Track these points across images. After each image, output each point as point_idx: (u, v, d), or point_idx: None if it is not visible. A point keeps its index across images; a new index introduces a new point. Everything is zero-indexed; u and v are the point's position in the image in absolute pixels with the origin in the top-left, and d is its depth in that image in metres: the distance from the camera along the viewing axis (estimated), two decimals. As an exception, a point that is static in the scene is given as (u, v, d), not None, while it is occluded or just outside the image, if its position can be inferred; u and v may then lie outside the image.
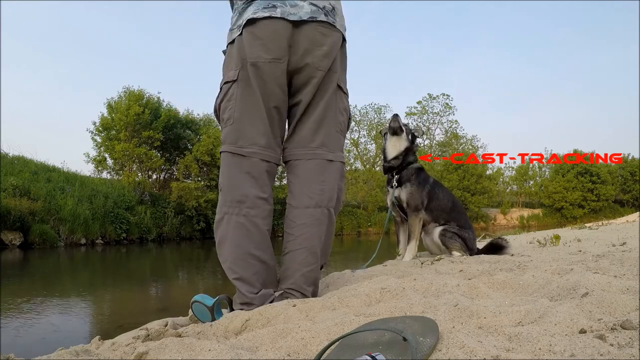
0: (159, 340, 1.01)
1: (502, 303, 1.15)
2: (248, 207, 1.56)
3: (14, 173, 11.95)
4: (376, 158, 31.93)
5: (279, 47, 1.58)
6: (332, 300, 1.35)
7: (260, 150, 1.61)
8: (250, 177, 1.59)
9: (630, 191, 32.66)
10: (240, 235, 1.55)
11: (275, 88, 1.61)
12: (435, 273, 2.01)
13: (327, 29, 1.64)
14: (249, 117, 1.61)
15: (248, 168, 1.59)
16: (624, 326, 0.84)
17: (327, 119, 1.70)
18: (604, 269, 1.62)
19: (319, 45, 1.63)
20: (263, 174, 1.62)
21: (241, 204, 1.56)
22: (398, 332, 0.83)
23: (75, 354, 0.98)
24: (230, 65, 1.66)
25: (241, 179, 1.58)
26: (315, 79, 1.64)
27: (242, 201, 1.56)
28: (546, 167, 32.91)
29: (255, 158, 1.60)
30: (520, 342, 0.83)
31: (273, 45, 1.58)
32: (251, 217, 1.56)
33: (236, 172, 1.59)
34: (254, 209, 1.57)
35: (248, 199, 1.57)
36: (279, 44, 1.58)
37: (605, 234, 5.15)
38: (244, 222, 1.55)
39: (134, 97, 17.70)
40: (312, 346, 0.93)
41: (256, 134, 1.61)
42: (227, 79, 1.65)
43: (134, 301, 3.58)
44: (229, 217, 1.56)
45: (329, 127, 1.71)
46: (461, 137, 33.35)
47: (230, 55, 1.68)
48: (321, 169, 1.67)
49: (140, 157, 17.55)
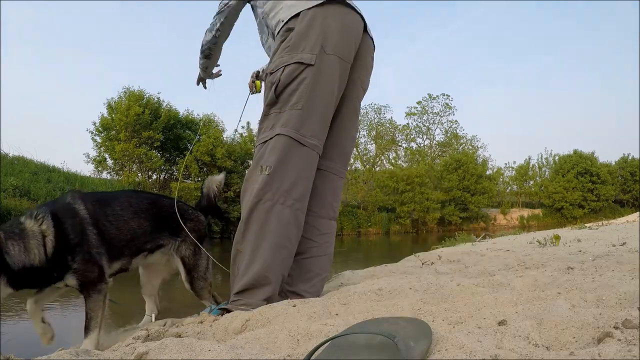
0: (159, 340, 1.01)
1: (502, 303, 1.15)
2: (296, 199, 1.49)
3: (14, 173, 11.95)
4: (376, 158, 31.94)
5: (354, 48, 1.64)
6: (332, 301, 1.35)
7: (320, 145, 1.57)
8: (306, 169, 1.52)
9: (630, 191, 32.65)
10: (281, 226, 1.46)
11: (339, 88, 1.62)
12: (435, 273, 2.01)
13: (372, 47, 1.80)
14: (319, 108, 1.53)
15: (306, 159, 1.52)
16: (625, 325, 0.84)
17: (353, 139, 1.80)
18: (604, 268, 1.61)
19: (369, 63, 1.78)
20: (314, 168, 1.58)
21: (289, 194, 1.48)
22: (390, 337, 0.82)
23: (75, 354, 0.98)
24: (303, 45, 1.53)
25: (297, 168, 1.49)
26: (360, 98, 1.77)
27: (291, 191, 1.48)
28: (546, 167, 32.92)
29: (315, 151, 1.55)
30: (520, 342, 0.83)
31: (353, 46, 1.63)
32: (296, 210, 1.49)
33: (294, 160, 1.49)
34: (300, 201, 1.51)
35: (298, 191, 1.49)
36: (355, 45, 1.64)
37: (605, 234, 5.15)
38: (288, 214, 1.47)
39: (134, 98, 17.71)
40: (311, 346, 0.93)
41: (320, 128, 1.56)
42: (299, 59, 1.52)
43: (134, 301, 3.57)
44: (272, 205, 1.47)
45: (352, 147, 1.83)
46: (461, 137, 33.37)
47: (305, 33, 1.54)
48: (341, 187, 1.79)
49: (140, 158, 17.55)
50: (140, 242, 1.70)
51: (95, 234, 1.56)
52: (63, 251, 1.47)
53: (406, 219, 25.23)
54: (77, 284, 1.50)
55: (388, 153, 32.60)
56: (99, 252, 1.56)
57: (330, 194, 1.71)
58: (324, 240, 1.67)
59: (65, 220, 1.50)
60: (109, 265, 1.59)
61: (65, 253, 1.47)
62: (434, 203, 25.62)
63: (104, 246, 1.57)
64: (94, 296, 1.51)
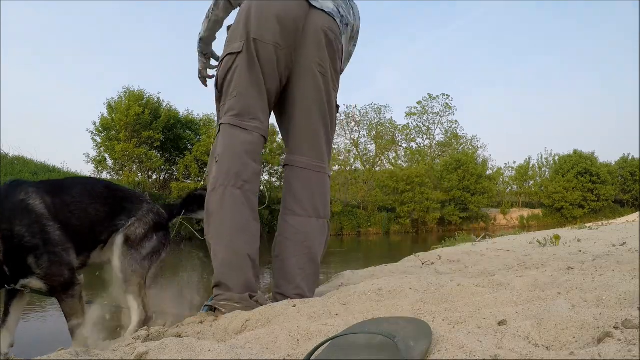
0: (159, 340, 1.01)
1: (502, 303, 1.15)
2: (245, 180, 1.54)
3: (14, 173, 11.95)
4: (376, 158, 31.94)
5: (284, 28, 1.56)
6: (332, 301, 1.35)
7: (262, 126, 1.60)
8: (249, 152, 1.57)
9: (630, 191, 32.65)
10: (235, 207, 1.51)
11: (273, 72, 1.59)
12: (435, 273, 2.01)
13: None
14: (253, 91, 1.58)
15: (248, 142, 1.57)
16: (625, 325, 0.84)
17: (319, 127, 1.69)
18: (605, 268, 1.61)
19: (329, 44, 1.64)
20: (260, 150, 1.61)
21: (238, 177, 1.53)
22: (390, 337, 0.82)
23: (75, 354, 0.98)
24: (234, 37, 1.62)
25: (241, 152, 1.55)
26: (321, 81, 1.64)
27: (240, 174, 1.53)
28: (546, 167, 32.92)
29: (257, 133, 1.59)
30: (520, 342, 0.83)
31: (280, 26, 1.56)
32: (246, 191, 1.54)
33: (236, 145, 1.55)
34: (250, 183, 1.55)
35: (246, 173, 1.54)
36: (286, 25, 1.56)
37: (605, 234, 5.15)
38: (240, 195, 1.52)
39: (134, 98, 17.72)
40: (311, 346, 0.93)
41: (258, 109, 1.59)
42: (230, 50, 1.60)
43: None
44: (224, 189, 1.52)
45: (321, 137, 1.70)
46: (461, 137, 33.38)
47: (236, 26, 1.63)
48: (323, 182, 1.70)
49: (140, 158, 17.56)
50: (98, 232, 1.50)
51: (58, 229, 1.37)
52: (20, 259, 1.29)
53: (406, 219, 25.24)
54: (45, 289, 1.34)
55: (388, 153, 32.63)
56: (65, 249, 1.37)
57: (304, 190, 1.65)
58: (302, 239, 1.61)
59: (14, 227, 1.29)
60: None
61: (23, 259, 1.29)
62: (434, 203, 25.63)
63: (70, 241, 1.39)
64: (67, 301, 1.36)
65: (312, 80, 1.64)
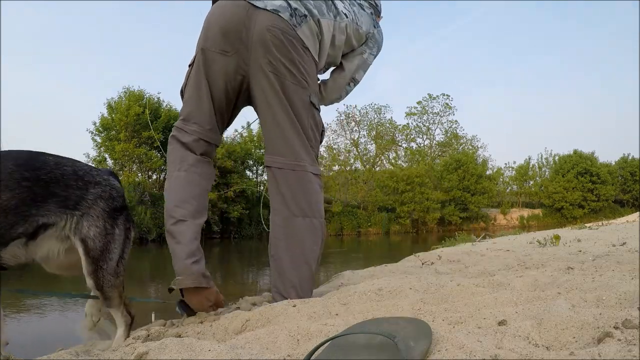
0: (159, 340, 1.01)
1: (502, 303, 1.15)
2: (189, 164, 1.68)
3: (14, 173, 11.92)
4: (376, 158, 31.94)
5: (227, 36, 1.61)
6: (332, 301, 1.35)
7: (200, 129, 1.70)
8: (190, 149, 1.70)
9: (630, 191, 32.65)
10: (180, 184, 1.65)
11: (219, 79, 1.66)
12: (435, 273, 2.01)
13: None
14: (194, 95, 1.70)
15: (188, 140, 1.70)
16: (625, 325, 0.84)
17: (284, 125, 1.72)
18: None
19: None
20: (200, 148, 1.71)
21: (182, 162, 1.68)
22: (389, 337, 0.82)
23: (75, 354, 0.98)
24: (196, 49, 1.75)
25: (183, 148, 1.70)
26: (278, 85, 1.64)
27: (183, 160, 1.68)
28: (546, 167, 32.93)
29: (195, 136, 1.70)
30: (520, 342, 0.83)
31: (221, 31, 1.61)
32: (192, 172, 1.67)
33: (178, 144, 1.71)
34: (195, 166, 1.68)
35: (189, 159, 1.68)
36: (225, 29, 1.61)
37: (605, 234, 5.15)
38: (184, 175, 1.66)
39: (134, 98, 17.73)
40: (311, 346, 0.93)
41: (200, 115, 1.70)
42: (190, 61, 1.74)
43: (133, 301, 3.57)
44: (171, 174, 1.68)
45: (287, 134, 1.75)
46: (461, 137, 33.38)
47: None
48: (307, 181, 1.71)
49: (140, 158, 17.56)
50: (7, 224, 1.15)
51: None
52: None
53: (406, 219, 25.24)
54: None
55: (388, 153, 32.63)
56: None
57: (286, 190, 1.65)
58: (292, 239, 1.62)
59: None
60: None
61: None
62: (434, 203, 25.64)
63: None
64: None
65: (266, 80, 1.63)
